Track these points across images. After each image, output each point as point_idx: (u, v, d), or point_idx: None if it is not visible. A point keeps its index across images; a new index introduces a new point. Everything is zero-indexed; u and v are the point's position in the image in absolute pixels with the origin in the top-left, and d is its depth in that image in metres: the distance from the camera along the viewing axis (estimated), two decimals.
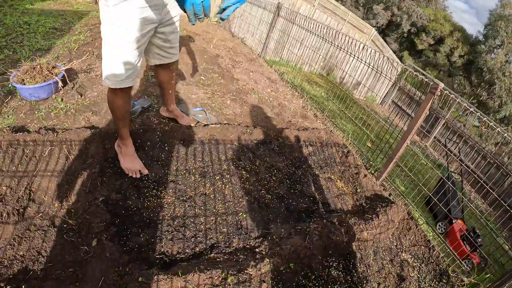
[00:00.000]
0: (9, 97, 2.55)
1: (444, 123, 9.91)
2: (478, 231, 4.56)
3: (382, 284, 1.99)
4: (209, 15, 1.35)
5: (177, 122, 2.68)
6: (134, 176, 2.03)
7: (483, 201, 7.52)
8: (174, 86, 2.56)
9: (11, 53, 3.27)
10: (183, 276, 1.45)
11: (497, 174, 8.11)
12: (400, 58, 17.27)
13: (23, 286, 1.39)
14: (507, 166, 7.77)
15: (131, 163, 2.06)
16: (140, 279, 1.45)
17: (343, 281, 1.84)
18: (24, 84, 2.52)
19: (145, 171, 2.07)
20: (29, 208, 1.78)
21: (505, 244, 3.24)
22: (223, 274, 1.50)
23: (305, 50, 5.57)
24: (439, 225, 5.01)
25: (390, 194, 2.82)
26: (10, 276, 1.48)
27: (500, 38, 13.41)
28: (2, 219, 1.69)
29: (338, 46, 3.84)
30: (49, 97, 2.65)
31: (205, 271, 1.49)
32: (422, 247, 2.46)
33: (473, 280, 2.26)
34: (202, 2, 1.30)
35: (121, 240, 1.66)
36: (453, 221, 4.83)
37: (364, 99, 12.26)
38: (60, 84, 2.69)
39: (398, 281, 2.07)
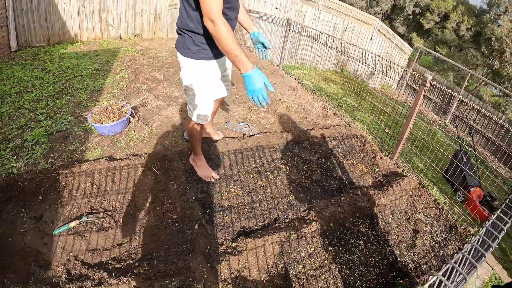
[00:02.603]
0: (89, 135, 3.07)
1: (458, 100, 10.29)
2: (494, 195, 5.09)
3: (400, 236, 2.68)
4: (265, 105, 1.72)
5: (212, 140, 3.22)
6: (209, 180, 2.77)
7: (506, 168, 7.93)
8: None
9: (69, 97, 3.70)
10: (262, 238, 2.22)
11: None
12: (410, 40, 17.49)
13: (155, 260, 2.07)
14: None
15: (205, 171, 2.79)
16: (233, 244, 2.21)
17: (370, 234, 2.56)
18: (102, 123, 3.00)
19: (216, 176, 2.81)
20: (137, 213, 2.48)
21: None
22: (287, 234, 2.27)
23: (315, 56, 6.27)
24: (458, 194, 5.56)
25: (403, 170, 3.48)
26: (140, 258, 2.16)
27: (503, 5, 13.40)
28: (119, 223, 2.38)
29: (344, 53, 4.54)
30: (122, 131, 3.17)
31: (275, 233, 2.26)
32: (433, 208, 3.08)
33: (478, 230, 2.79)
34: (257, 96, 1.67)
35: (213, 222, 2.44)
36: (470, 189, 5.38)
37: (380, 86, 12.71)
38: (131, 119, 3.28)
39: (413, 234, 2.73)
